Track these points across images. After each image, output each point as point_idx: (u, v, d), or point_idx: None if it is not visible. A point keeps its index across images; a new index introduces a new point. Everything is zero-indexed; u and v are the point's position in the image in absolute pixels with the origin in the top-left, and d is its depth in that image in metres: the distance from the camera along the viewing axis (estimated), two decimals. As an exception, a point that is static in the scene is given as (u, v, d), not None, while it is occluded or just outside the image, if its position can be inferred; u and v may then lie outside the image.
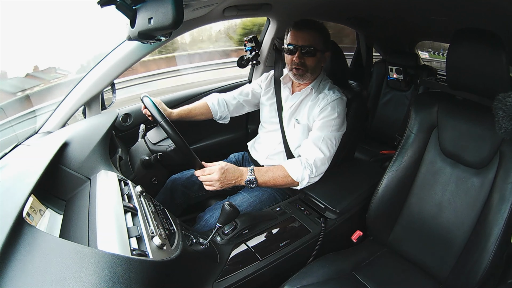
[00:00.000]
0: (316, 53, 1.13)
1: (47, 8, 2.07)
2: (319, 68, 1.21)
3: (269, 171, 1.07)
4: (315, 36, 1.12)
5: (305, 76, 1.17)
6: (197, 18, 1.32)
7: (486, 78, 0.85)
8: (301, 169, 1.07)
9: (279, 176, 1.07)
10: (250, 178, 1.03)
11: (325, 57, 1.19)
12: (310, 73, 1.17)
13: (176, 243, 0.75)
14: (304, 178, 1.07)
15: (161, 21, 0.64)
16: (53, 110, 1.18)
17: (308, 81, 1.21)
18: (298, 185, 1.10)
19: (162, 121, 0.97)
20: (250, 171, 1.04)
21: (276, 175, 1.07)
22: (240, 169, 1.04)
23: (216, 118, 1.39)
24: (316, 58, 1.15)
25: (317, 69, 1.19)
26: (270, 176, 1.06)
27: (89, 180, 0.83)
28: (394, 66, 2.13)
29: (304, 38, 1.12)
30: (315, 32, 1.13)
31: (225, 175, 0.99)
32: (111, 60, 1.22)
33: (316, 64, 1.16)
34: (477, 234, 0.87)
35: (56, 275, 0.47)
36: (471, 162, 0.93)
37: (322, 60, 1.19)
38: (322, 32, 1.15)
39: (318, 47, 1.13)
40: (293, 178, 1.07)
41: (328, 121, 1.12)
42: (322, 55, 1.17)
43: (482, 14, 1.11)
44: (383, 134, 2.25)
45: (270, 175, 1.06)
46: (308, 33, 1.12)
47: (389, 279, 0.98)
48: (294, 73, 1.17)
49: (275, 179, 1.06)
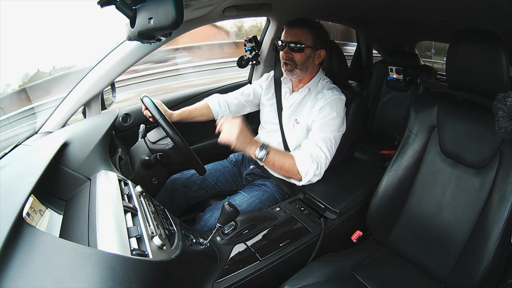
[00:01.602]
0: (303, 49, 1.13)
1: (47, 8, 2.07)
2: (311, 65, 1.19)
3: (280, 153, 1.10)
4: (303, 32, 1.13)
5: (294, 72, 1.17)
6: (197, 18, 1.32)
7: (486, 78, 0.85)
8: (308, 163, 1.07)
9: (287, 162, 1.08)
10: (264, 145, 1.06)
11: (318, 55, 1.18)
12: (299, 69, 1.17)
13: (176, 243, 0.75)
14: (308, 173, 1.07)
15: (161, 21, 0.64)
16: (53, 110, 1.18)
17: (301, 78, 1.21)
18: (300, 180, 1.09)
19: (160, 119, 0.97)
20: (263, 145, 1.07)
21: (285, 159, 1.09)
22: (254, 140, 1.07)
23: (217, 118, 1.39)
24: (304, 54, 1.14)
25: (306, 66, 1.17)
26: (279, 158, 1.08)
27: (89, 180, 0.83)
28: (394, 66, 2.13)
29: (293, 34, 1.14)
30: (303, 28, 1.13)
31: (244, 136, 1.02)
32: (111, 60, 1.22)
33: (305, 60, 1.16)
34: (477, 234, 0.87)
35: (56, 275, 0.47)
36: (471, 162, 0.92)
37: (313, 57, 1.17)
38: (313, 29, 1.14)
39: (306, 44, 1.13)
40: (298, 169, 1.07)
41: (328, 121, 1.12)
42: (313, 52, 1.16)
43: (482, 14, 1.11)
44: (383, 134, 2.25)
45: (280, 156, 1.09)
46: (297, 30, 1.14)
47: (389, 279, 0.98)
48: (285, 69, 1.19)
49: (284, 162, 1.08)
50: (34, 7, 2.01)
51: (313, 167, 1.07)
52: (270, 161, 1.07)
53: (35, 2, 2.07)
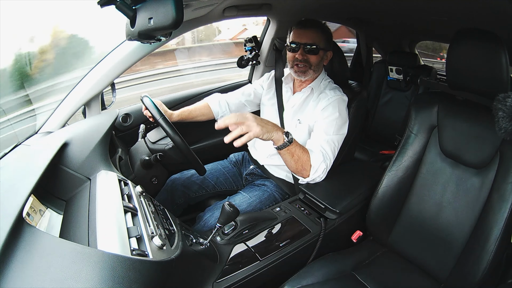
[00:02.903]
0: (318, 51, 1.15)
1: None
2: (321, 66, 1.22)
3: (300, 146, 1.03)
4: (317, 34, 1.15)
5: (307, 73, 1.18)
6: (197, 18, 1.32)
7: (486, 78, 0.85)
8: (321, 160, 1.05)
9: (305, 155, 1.03)
10: (287, 132, 0.98)
11: (327, 56, 1.21)
12: (313, 70, 1.18)
13: (176, 243, 0.75)
14: (318, 170, 1.05)
15: (161, 21, 0.64)
16: (53, 110, 1.19)
17: (309, 78, 1.22)
18: (308, 177, 1.07)
19: (160, 119, 0.97)
20: (286, 131, 0.99)
21: (304, 152, 1.03)
22: (272, 122, 0.97)
23: (218, 118, 1.39)
24: (319, 56, 1.17)
25: (319, 67, 1.20)
26: (300, 149, 1.02)
27: (89, 180, 0.83)
28: (394, 66, 2.13)
29: (308, 36, 1.14)
30: (317, 30, 1.15)
31: (260, 120, 0.90)
32: (111, 60, 1.22)
33: (319, 62, 1.18)
34: (477, 234, 0.87)
35: (56, 275, 0.47)
36: (471, 162, 0.93)
37: (324, 59, 1.20)
38: (324, 31, 1.17)
39: (320, 46, 1.15)
40: (312, 165, 1.04)
41: (330, 121, 1.12)
42: (324, 53, 1.19)
43: (482, 14, 1.11)
44: (383, 134, 2.25)
45: (300, 148, 1.03)
46: (311, 32, 1.14)
47: (389, 279, 0.98)
48: (296, 70, 1.18)
49: (302, 154, 1.02)
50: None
51: (324, 165, 1.06)
52: (291, 149, 0.99)
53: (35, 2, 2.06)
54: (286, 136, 0.97)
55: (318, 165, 1.05)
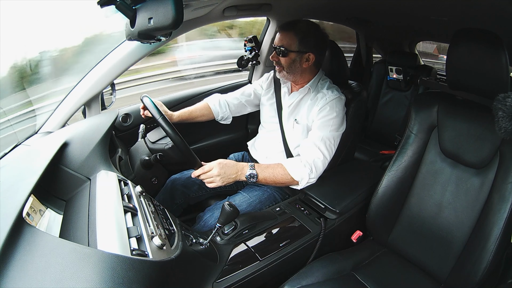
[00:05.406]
0: (287, 53, 1.14)
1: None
2: (298, 68, 1.17)
3: (269, 167, 1.08)
4: (289, 37, 1.13)
5: (282, 74, 1.20)
6: (197, 18, 1.32)
7: (486, 78, 0.85)
8: (300, 168, 1.07)
9: (279, 173, 1.07)
10: (251, 173, 1.04)
11: (306, 58, 1.15)
12: (286, 72, 1.18)
13: (176, 243, 0.75)
14: (303, 178, 1.07)
15: (161, 21, 0.64)
16: (53, 110, 1.19)
17: (288, 79, 1.22)
18: (297, 185, 1.10)
19: (159, 118, 0.97)
20: (250, 166, 1.05)
21: (276, 172, 1.07)
22: (240, 164, 1.05)
23: (218, 119, 1.39)
24: (289, 58, 1.15)
25: (294, 69, 1.17)
26: (270, 173, 1.06)
27: (89, 180, 0.83)
28: (394, 66, 2.13)
29: (280, 38, 1.15)
30: (289, 33, 1.13)
31: (225, 170, 1.00)
32: (111, 60, 1.22)
33: (290, 64, 1.15)
34: (477, 234, 0.87)
35: (56, 275, 0.47)
36: (471, 162, 0.93)
37: (300, 61, 1.15)
38: (298, 34, 1.12)
39: (290, 48, 1.13)
40: (292, 177, 1.07)
41: (327, 121, 1.12)
42: (298, 56, 1.14)
43: (482, 14, 1.11)
44: (383, 134, 2.25)
45: (270, 171, 1.07)
46: (284, 34, 1.15)
47: (389, 279, 0.98)
48: (276, 69, 1.22)
49: (275, 175, 1.07)
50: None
51: (307, 170, 1.07)
52: (261, 179, 1.06)
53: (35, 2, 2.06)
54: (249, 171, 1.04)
55: (300, 174, 1.07)
